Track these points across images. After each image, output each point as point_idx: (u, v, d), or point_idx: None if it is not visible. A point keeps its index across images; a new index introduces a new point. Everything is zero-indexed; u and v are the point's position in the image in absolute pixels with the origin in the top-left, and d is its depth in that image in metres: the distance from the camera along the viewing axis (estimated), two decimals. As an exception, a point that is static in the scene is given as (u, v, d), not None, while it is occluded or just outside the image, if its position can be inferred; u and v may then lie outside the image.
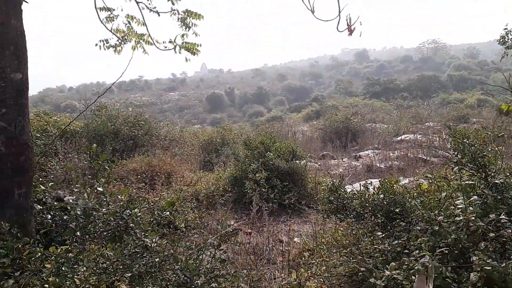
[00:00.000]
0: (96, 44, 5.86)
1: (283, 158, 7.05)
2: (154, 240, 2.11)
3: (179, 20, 5.87)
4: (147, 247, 2.08)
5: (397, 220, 3.53)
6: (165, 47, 5.97)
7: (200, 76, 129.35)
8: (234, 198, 6.72)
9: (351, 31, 3.61)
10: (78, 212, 2.31)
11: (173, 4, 5.86)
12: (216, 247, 2.12)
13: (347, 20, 3.59)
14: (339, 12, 3.57)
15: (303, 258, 4.01)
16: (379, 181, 3.94)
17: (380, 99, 44.00)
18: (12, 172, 2.77)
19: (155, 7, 5.83)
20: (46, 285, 1.97)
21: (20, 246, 2.24)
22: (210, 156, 10.55)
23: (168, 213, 2.48)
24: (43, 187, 3.76)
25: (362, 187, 3.89)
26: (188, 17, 5.87)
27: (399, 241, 3.19)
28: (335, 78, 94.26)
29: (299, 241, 4.88)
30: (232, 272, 2.18)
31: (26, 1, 2.95)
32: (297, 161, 7.12)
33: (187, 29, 5.88)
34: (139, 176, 7.47)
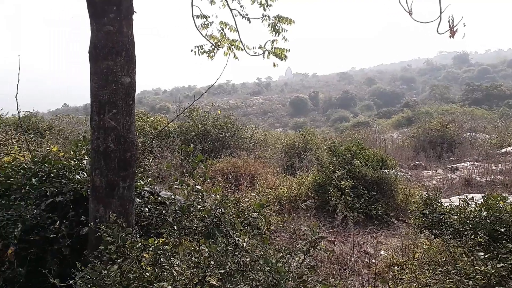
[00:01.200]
0: (192, 50, 6.19)
1: (370, 166, 6.77)
2: (245, 240, 2.17)
3: (270, 25, 5.96)
4: (237, 246, 2.14)
5: (503, 241, 3.17)
6: (255, 52, 6.11)
7: (284, 80, 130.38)
8: (317, 205, 6.62)
9: (453, 33, 3.35)
10: (176, 208, 2.46)
11: (264, 10, 5.97)
12: (305, 253, 2.10)
13: (449, 21, 3.34)
14: (440, 13, 3.32)
15: (392, 273, 3.80)
16: (482, 196, 3.58)
17: (481, 107, 40.09)
18: (119, 167, 3.05)
19: (247, 14, 5.99)
20: (146, 274, 2.14)
21: (123, 235, 2.46)
22: (293, 160, 10.56)
23: (257, 214, 2.52)
24: (142, 182, 4.09)
25: (461, 202, 3.56)
26: (278, 23, 5.94)
27: (505, 264, 2.86)
28: (430, 83, 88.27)
29: (386, 254, 4.64)
30: (320, 279, 2.14)
31: (135, 11, 3.24)
32: (386, 170, 6.79)
33: (277, 34, 5.95)
34: (225, 176, 7.77)
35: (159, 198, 4.14)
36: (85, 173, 3.75)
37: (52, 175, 3.83)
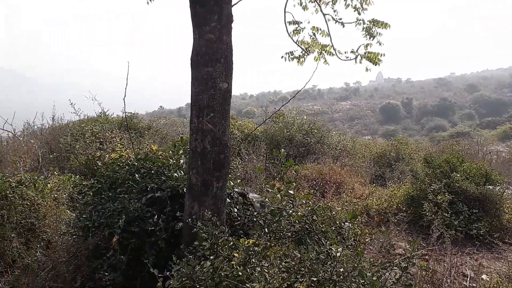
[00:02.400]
0: (282, 56, 6.25)
1: (472, 181, 6.18)
2: (338, 249, 2.12)
3: (364, 29, 5.78)
4: (329, 255, 2.10)
5: None
6: (347, 57, 5.97)
7: (374, 86, 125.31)
8: (409, 219, 6.23)
9: None
10: (266, 210, 2.50)
11: (359, 14, 5.81)
12: (403, 269, 1.98)
13: None
14: None
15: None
16: None
17: None
18: (214, 167, 3.21)
19: (340, 18, 5.89)
20: (238, 273, 2.20)
21: (217, 233, 2.57)
22: (383, 170, 10.08)
23: (349, 224, 2.45)
24: (232, 183, 4.24)
25: None
26: (373, 27, 5.73)
27: None
28: (544, 91, 78.02)
29: (488, 279, 4.19)
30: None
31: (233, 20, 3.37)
32: (490, 186, 6.14)
33: (371, 38, 5.75)
34: (309, 183, 7.70)
35: (247, 199, 4.25)
36: (182, 172, 4.00)
37: (152, 172, 4.16)
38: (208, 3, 3.06)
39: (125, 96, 4.71)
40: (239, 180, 4.40)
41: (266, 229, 2.34)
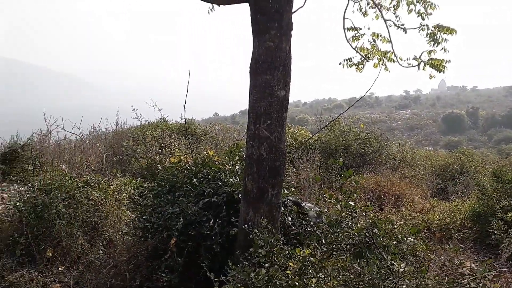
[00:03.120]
0: (340, 63, 6.14)
1: (550, 198, 5.64)
2: (401, 265, 2.02)
3: (428, 35, 5.52)
4: (390, 270, 2.00)
5: None
6: (409, 64, 5.74)
7: (437, 94, 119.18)
8: (475, 237, 5.79)
9: None
10: (325, 221, 2.45)
11: (422, 19, 5.58)
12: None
13: None
14: None
15: None
16: None
17: None
18: (269, 174, 3.21)
19: (403, 24, 5.69)
20: (294, 283, 2.17)
21: (272, 241, 2.55)
22: (445, 183, 9.52)
23: (412, 239, 2.33)
24: (286, 191, 4.21)
25: None
26: (438, 32, 5.46)
27: None
28: None
29: None
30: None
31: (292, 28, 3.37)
32: None
33: (436, 45, 5.48)
34: (366, 194, 7.45)
35: (301, 208, 4.20)
36: (237, 178, 4.05)
37: (209, 176, 4.25)
38: (269, 11, 3.09)
39: (185, 103, 4.88)
40: (293, 189, 4.36)
41: (323, 240, 2.28)
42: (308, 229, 3.29)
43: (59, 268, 4.40)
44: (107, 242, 4.90)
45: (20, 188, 7.93)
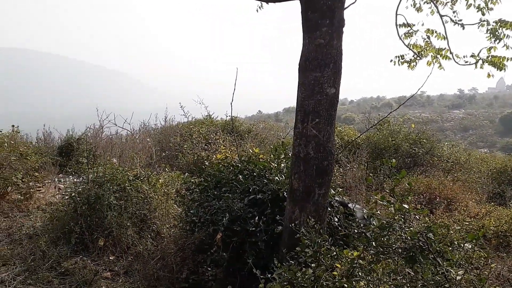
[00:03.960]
0: (391, 60, 5.94)
1: None
2: (458, 272, 1.91)
3: (488, 31, 5.20)
4: (446, 277, 1.89)
5: None
6: (466, 61, 5.45)
7: (494, 93, 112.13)
8: (536, 246, 5.40)
9: None
10: (376, 223, 2.38)
11: (483, 14, 5.26)
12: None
13: None
14: None
15: None
16: None
17: None
18: (316, 174, 3.16)
19: (460, 20, 5.41)
20: (342, 285, 2.12)
21: (319, 241, 2.51)
22: (502, 187, 8.93)
23: (471, 246, 2.20)
24: (333, 191, 4.13)
25: None
26: (500, 28, 5.13)
27: None
28: None
29: None
30: None
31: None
32: None
33: (497, 41, 5.15)
34: (416, 197, 7.15)
35: (348, 209, 4.11)
36: (283, 176, 4.03)
37: (254, 174, 4.26)
38: (321, 8, 3.04)
39: (232, 100, 4.92)
40: (340, 189, 4.28)
41: (373, 242, 2.21)
42: (357, 230, 3.21)
43: (110, 257, 4.60)
44: (155, 234, 5.07)
45: (75, 180, 8.42)
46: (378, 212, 2.96)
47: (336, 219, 3.84)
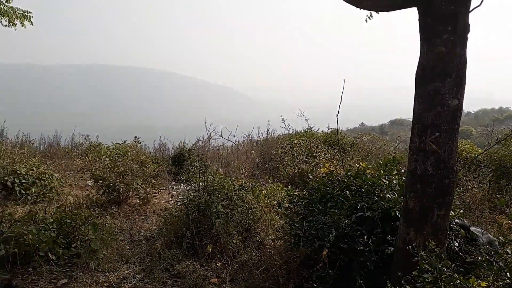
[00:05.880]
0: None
1: None
2: None
3: None
4: None
5: None
6: None
7: None
8: None
9: None
10: (509, 251, 2.08)
11: None
12: None
13: None
14: None
15: None
16: None
17: None
18: (436, 193, 2.90)
19: None
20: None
21: (440, 266, 2.28)
22: None
23: None
24: (452, 213, 3.75)
25: None
26: None
27: None
28: None
29: None
30: None
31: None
32: None
33: None
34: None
35: (470, 233, 3.69)
36: (395, 193, 3.78)
37: (362, 190, 4.08)
38: (442, 14, 2.81)
39: (338, 113, 4.82)
40: (461, 211, 3.86)
41: (508, 273, 1.92)
42: (484, 258, 2.85)
43: (217, 264, 4.79)
44: (258, 244, 5.16)
45: (186, 187, 9.06)
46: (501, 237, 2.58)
47: (456, 244, 3.46)
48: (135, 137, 10.29)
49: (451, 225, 3.70)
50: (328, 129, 12.23)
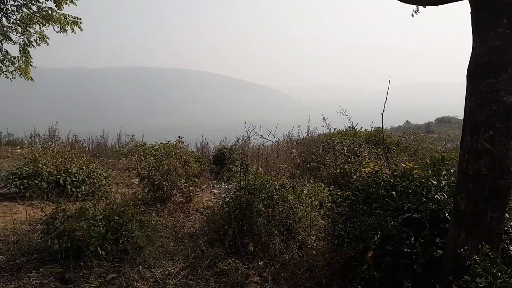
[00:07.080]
0: None
1: None
2: None
3: None
4: None
5: None
6: None
7: None
8: None
9: None
10: None
11: None
12: None
13: None
14: None
15: None
16: None
17: None
18: (489, 194, 2.76)
19: None
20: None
21: (494, 271, 2.17)
22: None
23: None
24: (507, 215, 3.54)
25: None
26: None
27: None
28: None
29: None
30: None
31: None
32: None
33: None
34: None
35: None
36: (444, 194, 3.64)
37: (409, 191, 3.95)
38: (496, 6, 2.67)
39: (383, 111, 4.69)
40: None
41: None
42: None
43: (259, 263, 4.82)
44: (300, 244, 5.13)
45: (227, 186, 9.19)
46: None
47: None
48: (179, 136, 10.57)
49: (506, 228, 3.50)
50: (372, 127, 11.93)
